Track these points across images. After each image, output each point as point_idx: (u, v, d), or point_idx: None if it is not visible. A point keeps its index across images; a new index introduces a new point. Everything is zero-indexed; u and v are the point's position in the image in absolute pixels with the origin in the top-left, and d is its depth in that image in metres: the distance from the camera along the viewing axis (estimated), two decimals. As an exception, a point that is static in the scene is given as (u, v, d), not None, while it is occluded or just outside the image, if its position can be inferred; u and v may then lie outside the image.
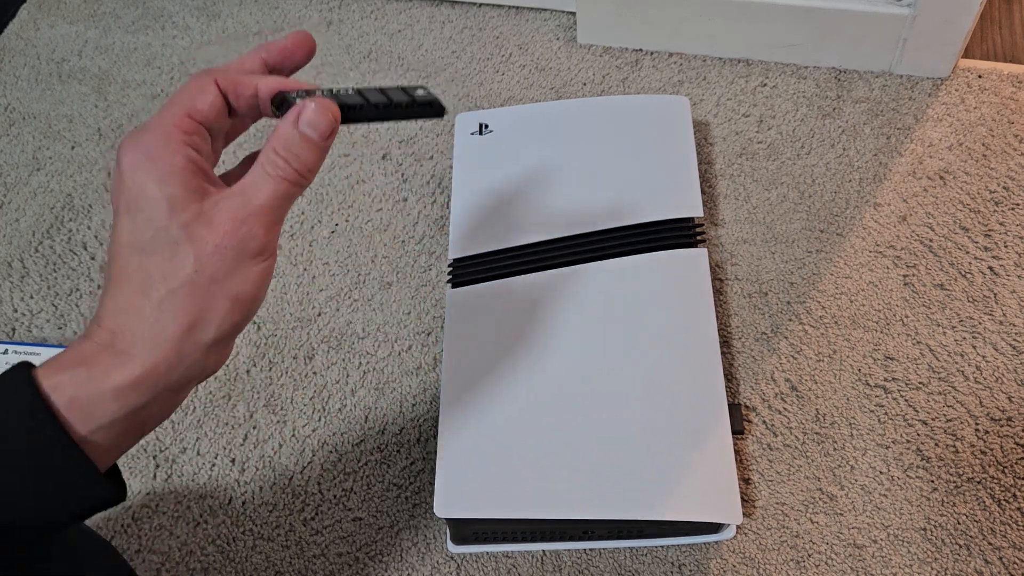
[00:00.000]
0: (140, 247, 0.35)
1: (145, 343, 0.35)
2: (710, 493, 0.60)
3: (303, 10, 1.01)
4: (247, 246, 0.36)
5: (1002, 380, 0.70)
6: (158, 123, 0.36)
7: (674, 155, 0.75)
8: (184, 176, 0.35)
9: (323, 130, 0.37)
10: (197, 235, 0.35)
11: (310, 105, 0.36)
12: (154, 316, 0.35)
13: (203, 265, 0.35)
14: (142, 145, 0.35)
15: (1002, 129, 0.84)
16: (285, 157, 0.36)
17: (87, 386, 0.34)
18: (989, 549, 0.63)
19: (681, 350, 0.65)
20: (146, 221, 0.35)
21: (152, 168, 0.35)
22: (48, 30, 1.02)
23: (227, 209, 0.36)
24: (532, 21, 0.97)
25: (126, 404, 0.35)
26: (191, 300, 0.35)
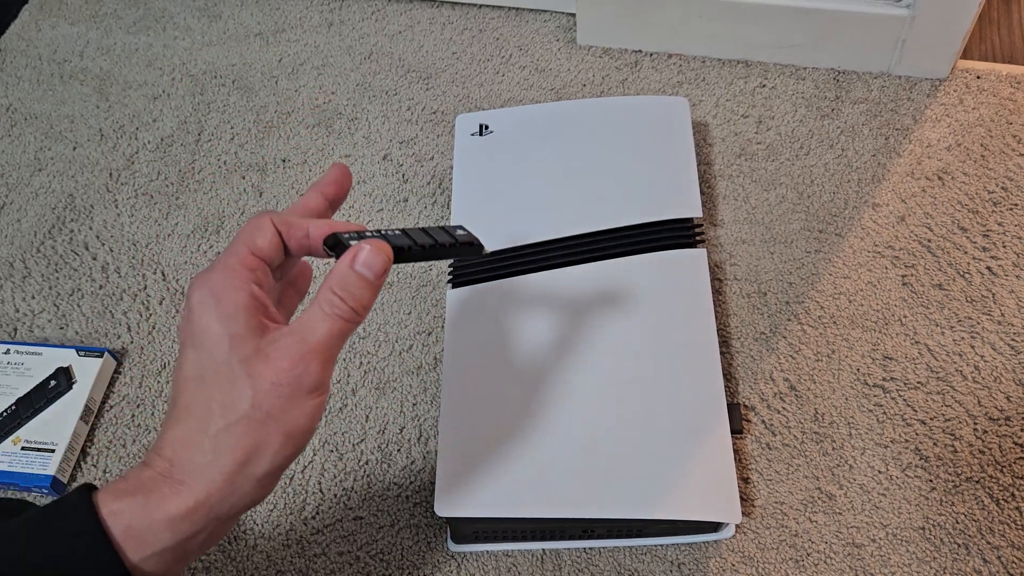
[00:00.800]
0: (201, 379, 0.37)
1: (200, 474, 0.36)
2: (709, 492, 0.60)
3: (304, 11, 1.01)
4: (303, 383, 0.37)
5: (1000, 380, 0.70)
6: (225, 262, 0.38)
7: (673, 156, 0.75)
8: (247, 314, 0.37)
9: (378, 270, 0.39)
10: (255, 371, 0.36)
11: (366, 247, 0.39)
12: (211, 448, 0.36)
13: (260, 401, 0.36)
14: (209, 283, 0.38)
15: (1000, 130, 0.84)
16: (342, 296, 0.38)
17: (142, 514, 0.36)
18: (988, 548, 0.63)
19: (680, 350, 0.65)
20: (208, 355, 0.37)
21: (216, 306, 0.37)
22: (49, 31, 1.02)
23: (285, 347, 0.37)
24: (532, 22, 0.97)
25: (178, 533, 0.36)
26: (247, 435, 0.36)
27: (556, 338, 0.66)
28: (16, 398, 0.72)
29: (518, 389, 0.64)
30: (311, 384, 0.37)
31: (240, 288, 0.38)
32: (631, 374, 0.64)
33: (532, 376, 0.64)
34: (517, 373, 0.65)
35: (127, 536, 0.36)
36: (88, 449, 0.72)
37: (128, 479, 0.37)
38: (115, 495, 0.36)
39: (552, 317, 0.67)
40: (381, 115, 0.91)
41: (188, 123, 0.92)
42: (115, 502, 0.36)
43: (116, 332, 0.78)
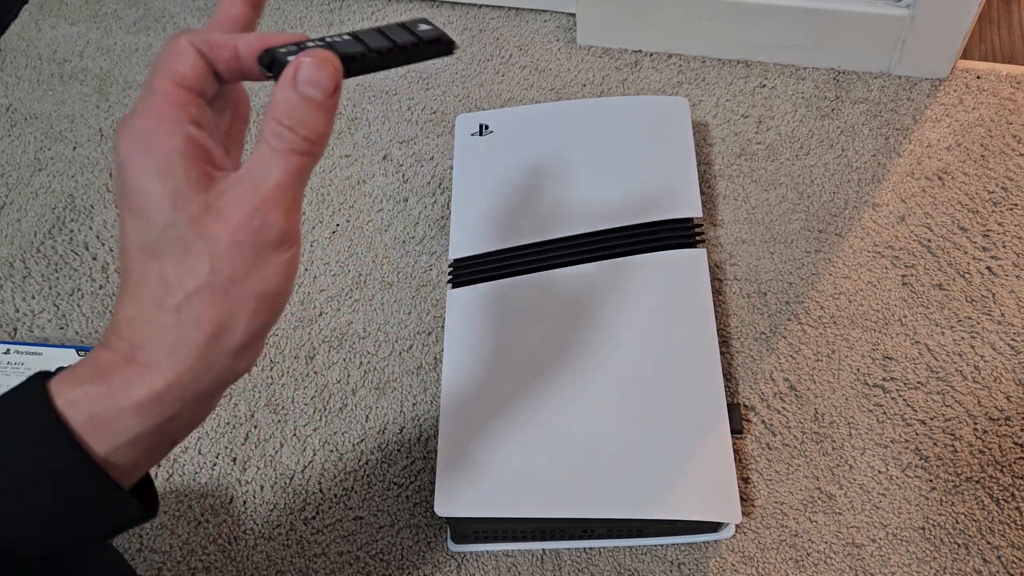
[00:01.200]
0: (149, 249, 0.32)
1: (167, 355, 0.32)
2: (709, 492, 0.60)
3: (304, 11, 1.01)
4: (265, 237, 0.32)
5: (1000, 380, 0.70)
6: (148, 101, 0.32)
7: (673, 156, 0.75)
8: (185, 163, 0.32)
9: (326, 86, 0.32)
10: (208, 231, 0.31)
11: (305, 60, 0.32)
12: (175, 325, 0.32)
13: (219, 264, 0.31)
14: (136, 131, 0.32)
15: (1000, 130, 0.84)
16: (289, 126, 0.32)
17: (106, 402, 0.32)
18: (987, 548, 0.63)
19: (680, 350, 0.65)
20: (149, 220, 0.31)
21: (150, 158, 0.31)
22: (49, 31, 1.02)
23: (237, 197, 0.32)
24: (532, 22, 0.97)
25: (150, 419, 0.32)
26: (213, 304, 0.32)
27: (556, 338, 0.66)
28: (16, 398, 0.72)
29: (518, 389, 0.64)
30: (275, 236, 0.32)
31: (172, 132, 0.32)
32: (631, 374, 0.64)
33: (532, 376, 0.64)
34: (517, 373, 0.65)
35: (91, 427, 0.31)
36: (88, 449, 0.72)
37: (85, 365, 0.33)
38: (72, 383, 0.32)
39: (552, 317, 0.67)
40: (381, 115, 0.91)
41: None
42: (72, 391, 0.32)
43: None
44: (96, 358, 0.33)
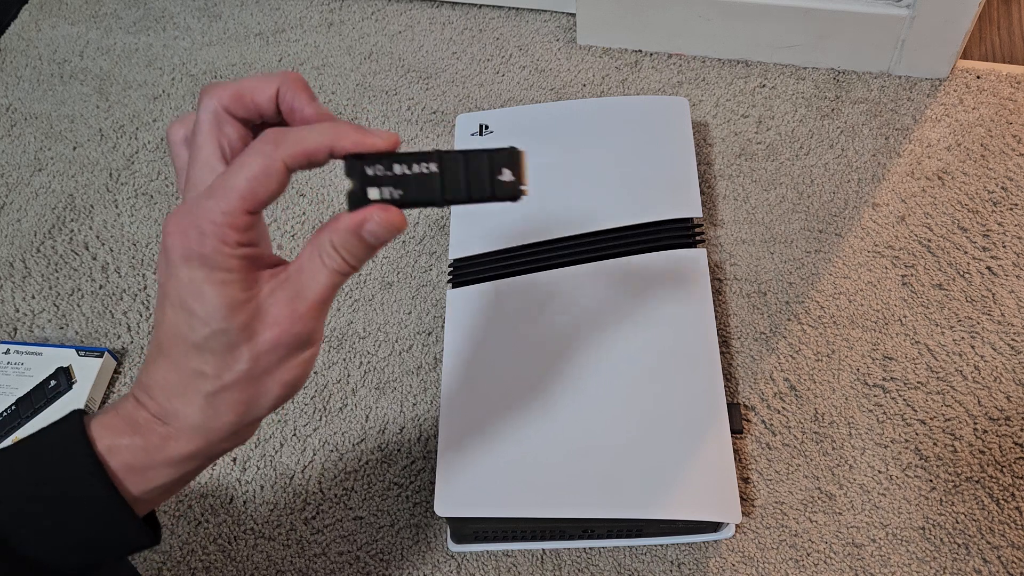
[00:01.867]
0: (194, 344, 0.34)
1: (199, 427, 0.36)
2: (709, 492, 0.60)
3: (304, 11, 1.01)
4: (301, 340, 0.36)
5: (1000, 380, 0.70)
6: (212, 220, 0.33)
7: (673, 156, 0.75)
8: (241, 277, 0.34)
9: (384, 240, 0.36)
10: (253, 332, 0.35)
11: (377, 218, 0.35)
12: (208, 407, 0.35)
13: (258, 361, 0.35)
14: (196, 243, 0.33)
15: (1000, 130, 0.84)
16: (343, 255, 0.35)
17: (143, 456, 0.36)
18: (987, 548, 0.63)
19: (680, 350, 0.65)
20: (201, 321, 0.34)
21: (208, 270, 0.34)
22: (49, 31, 1.02)
23: (283, 302, 0.35)
24: (532, 22, 0.97)
25: (179, 470, 0.36)
26: (244, 392, 0.35)
27: (556, 338, 0.66)
28: (16, 398, 0.72)
29: (518, 389, 0.64)
30: (309, 339, 0.36)
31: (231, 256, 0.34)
32: (631, 374, 0.64)
33: (532, 376, 0.64)
34: (517, 373, 0.65)
35: (128, 472, 0.36)
36: (88, 449, 0.72)
37: (119, 414, 0.36)
38: (111, 431, 0.36)
39: (552, 317, 0.67)
40: (381, 115, 0.91)
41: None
42: (112, 438, 0.36)
43: (116, 332, 0.78)
44: (132, 414, 0.36)
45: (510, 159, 0.37)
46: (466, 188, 0.36)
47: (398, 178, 0.35)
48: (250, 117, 0.36)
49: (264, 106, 0.36)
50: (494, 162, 0.36)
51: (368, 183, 0.35)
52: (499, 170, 0.37)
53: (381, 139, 0.35)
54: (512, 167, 0.37)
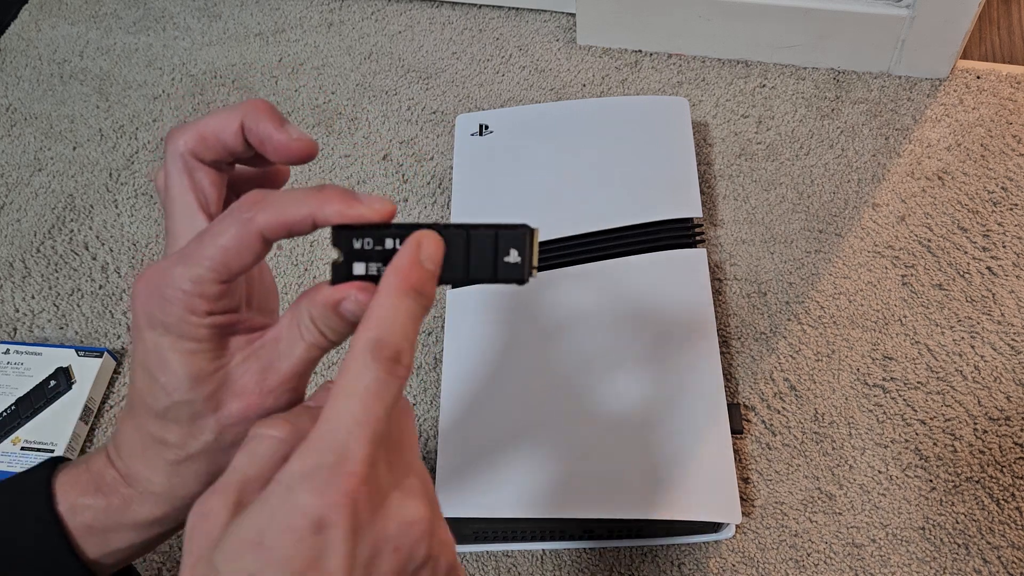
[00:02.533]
0: (157, 412, 0.32)
1: (165, 493, 0.34)
2: (709, 493, 0.60)
3: (304, 11, 1.01)
4: (271, 410, 0.33)
5: (1000, 380, 0.70)
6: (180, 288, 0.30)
7: (673, 156, 0.75)
8: (210, 346, 0.32)
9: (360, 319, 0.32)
10: (220, 403, 0.32)
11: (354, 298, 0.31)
12: (173, 475, 0.33)
13: (224, 434, 0.33)
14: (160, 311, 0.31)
15: (1000, 130, 0.84)
16: (321, 330, 0.32)
17: (105, 516, 0.34)
18: (988, 548, 0.63)
19: (680, 350, 0.65)
20: (164, 391, 0.32)
21: (174, 339, 0.31)
22: (49, 31, 1.02)
23: (254, 372, 0.32)
24: (532, 22, 0.97)
25: (144, 534, 0.35)
26: (210, 463, 0.33)
27: (556, 338, 0.66)
28: (16, 398, 0.72)
29: (518, 389, 0.64)
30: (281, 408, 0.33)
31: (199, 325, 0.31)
32: (631, 374, 0.64)
33: (531, 376, 0.64)
34: (516, 373, 0.65)
35: (88, 533, 0.34)
36: (88, 449, 0.72)
37: (90, 469, 0.35)
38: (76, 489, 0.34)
39: (552, 317, 0.67)
40: (381, 115, 0.91)
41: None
42: (77, 497, 0.34)
43: (116, 332, 0.78)
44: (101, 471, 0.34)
45: (519, 239, 0.33)
46: (465, 268, 0.32)
47: (389, 253, 0.31)
48: (220, 158, 0.34)
49: (231, 143, 0.33)
50: (500, 241, 0.32)
51: (355, 257, 0.32)
52: (506, 251, 0.33)
53: (371, 210, 0.31)
54: (520, 247, 0.33)
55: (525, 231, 0.33)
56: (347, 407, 0.28)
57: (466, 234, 0.32)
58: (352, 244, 0.31)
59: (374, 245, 0.32)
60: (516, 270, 0.33)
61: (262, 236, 0.30)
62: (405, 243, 0.31)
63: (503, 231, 0.32)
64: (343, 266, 0.32)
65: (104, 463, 0.34)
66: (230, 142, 0.33)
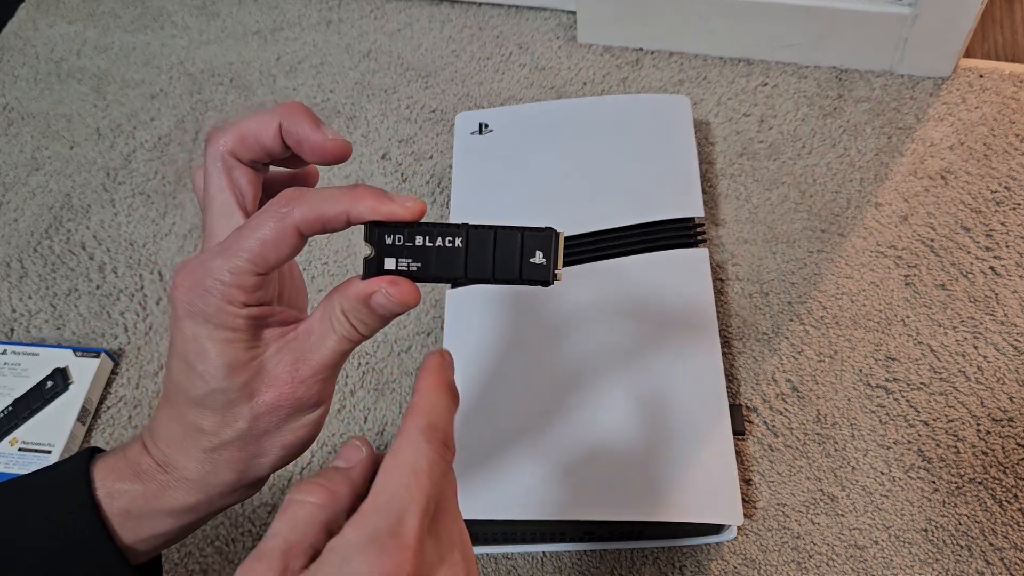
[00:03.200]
0: (193, 399, 0.34)
1: (199, 480, 0.35)
2: (711, 494, 0.59)
3: (302, 9, 1.01)
4: (303, 403, 0.35)
5: (1003, 380, 0.69)
6: (219, 279, 0.32)
7: (675, 155, 0.75)
8: (246, 336, 0.33)
9: (394, 313, 0.34)
10: (254, 391, 0.34)
11: (385, 291, 0.33)
12: (207, 461, 0.35)
13: (257, 421, 0.34)
14: (200, 301, 0.32)
15: (1003, 129, 0.83)
16: (352, 323, 0.34)
17: (142, 502, 0.35)
18: (990, 550, 0.62)
19: (682, 350, 0.65)
20: (201, 379, 0.33)
21: (212, 329, 0.33)
22: (47, 29, 1.02)
23: (287, 364, 0.34)
24: (532, 20, 0.97)
25: (179, 521, 0.36)
26: (244, 450, 0.35)
27: (556, 339, 0.65)
28: (13, 399, 0.72)
29: (518, 390, 0.63)
30: (311, 403, 0.35)
31: (237, 315, 0.33)
32: (632, 375, 0.64)
33: (531, 377, 0.64)
34: (516, 374, 0.64)
35: (125, 518, 0.35)
36: (85, 450, 0.71)
37: (126, 456, 0.36)
38: (115, 476, 0.36)
39: (552, 317, 0.66)
40: (380, 114, 0.91)
41: (186, 122, 0.92)
42: (115, 483, 0.35)
43: (113, 332, 0.78)
44: (137, 458, 0.36)
45: (544, 241, 0.34)
46: (491, 268, 0.34)
47: (419, 250, 0.33)
48: (257, 158, 0.35)
49: (270, 144, 0.35)
50: (526, 243, 0.34)
51: (386, 252, 0.33)
52: (531, 252, 0.34)
53: (403, 208, 0.33)
54: (545, 249, 0.34)
55: (551, 233, 0.34)
56: (402, 483, 0.30)
57: (493, 235, 0.34)
58: (384, 240, 0.33)
59: (404, 242, 0.33)
60: (542, 271, 0.34)
61: (298, 230, 0.32)
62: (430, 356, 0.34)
63: (529, 232, 0.34)
64: (374, 261, 0.33)
65: (140, 451, 0.36)
66: (268, 143, 0.35)
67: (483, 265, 0.34)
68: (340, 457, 0.34)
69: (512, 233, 0.34)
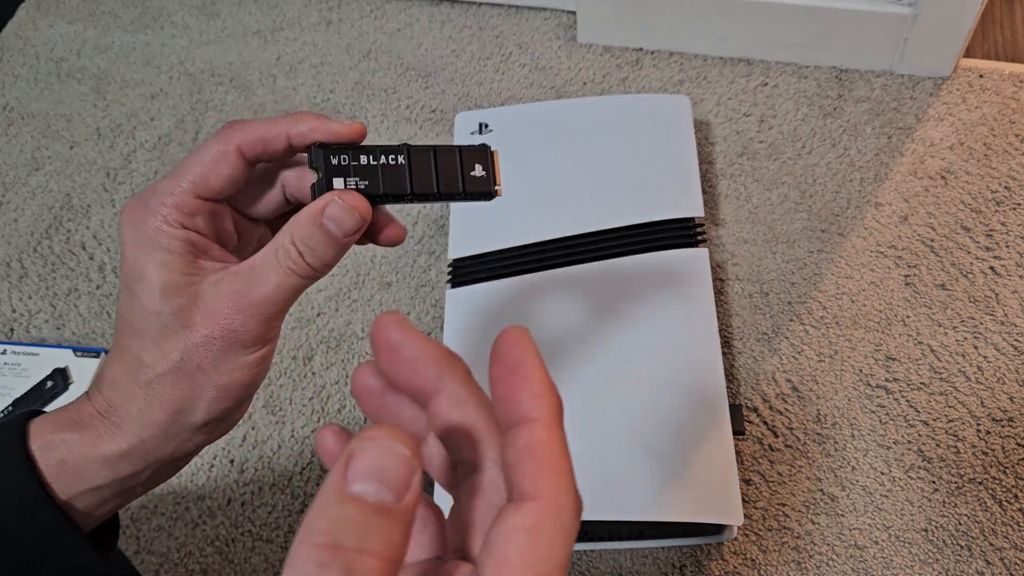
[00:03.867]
0: (133, 327, 0.34)
1: (134, 421, 0.34)
2: (711, 494, 0.59)
3: (302, 9, 1.01)
4: (239, 338, 0.34)
5: (1003, 380, 0.69)
6: (160, 200, 0.34)
7: (675, 155, 0.75)
8: (183, 258, 0.34)
9: (348, 228, 0.33)
10: (189, 320, 0.33)
11: (337, 201, 0.33)
12: (143, 398, 0.34)
13: (190, 354, 0.34)
14: (141, 226, 0.34)
15: (1003, 129, 0.83)
16: (301, 250, 0.33)
17: (77, 451, 0.34)
18: (990, 550, 0.62)
19: (682, 351, 0.65)
20: (139, 303, 0.34)
21: (150, 250, 0.33)
22: (47, 29, 1.02)
23: (225, 294, 0.34)
24: (532, 20, 0.97)
25: (114, 472, 0.35)
26: (177, 386, 0.34)
27: (556, 339, 0.65)
28: (13, 399, 0.72)
29: (518, 390, 0.63)
30: (249, 339, 0.34)
31: (174, 235, 0.33)
32: (632, 375, 0.64)
33: (532, 377, 0.64)
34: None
35: (60, 471, 0.34)
36: (85, 450, 0.71)
37: (69, 410, 0.35)
38: (53, 427, 0.35)
39: (552, 318, 0.66)
40: (380, 113, 0.91)
41: (185, 122, 0.92)
42: (52, 434, 0.35)
43: (113, 332, 0.78)
44: (78, 408, 0.35)
45: (481, 156, 0.35)
46: (436, 182, 0.35)
47: (364, 168, 0.34)
48: (261, 160, 0.35)
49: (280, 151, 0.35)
50: (464, 157, 0.35)
51: (333, 173, 0.34)
52: (471, 166, 0.36)
53: (344, 127, 0.34)
54: (484, 164, 0.36)
55: (486, 148, 0.36)
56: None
57: (433, 152, 0.35)
58: (330, 161, 0.34)
59: (350, 161, 0.34)
60: (482, 184, 0.36)
61: (240, 150, 0.33)
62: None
63: (466, 149, 0.36)
64: (322, 182, 0.33)
65: (82, 401, 0.36)
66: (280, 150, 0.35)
67: (427, 180, 0.35)
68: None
69: (450, 149, 0.35)
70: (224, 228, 0.36)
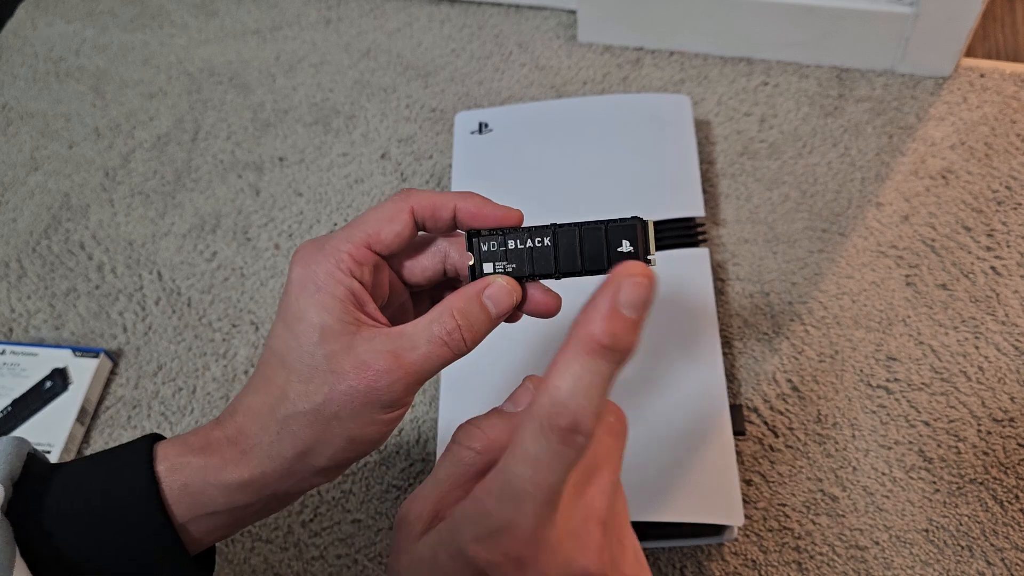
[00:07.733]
0: (284, 361, 0.36)
1: (261, 452, 0.36)
2: (711, 495, 0.59)
3: (302, 8, 1.00)
4: (380, 398, 0.35)
5: (1005, 381, 0.69)
6: (335, 247, 0.36)
7: (675, 154, 0.75)
8: (343, 307, 0.36)
9: (504, 308, 0.37)
10: (338, 368, 0.35)
11: (496, 284, 0.37)
12: (276, 431, 0.36)
13: (332, 401, 0.35)
14: (312, 267, 0.36)
15: (1004, 128, 0.83)
16: (459, 324, 0.36)
17: (200, 476, 0.36)
18: (991, 550, 0.62)
19: (682, 351, 0.65)
20: (296, 340, 0.35)
21: (315, 294, 0.36)
22: (45, 28, 1.02)
23: (378, 352, 0.35)
24: (532, 19, 0.97)
25: (231, 501, 0.36)
26: (311, 427, 0.35)
27: (555, 339, 0.65)
28: (12, 399, 0.72)
29: (518, 391, 0.63)
30: (388, 399, 0.36)
31: (340, 282, 0.36)
32: (632, 375, 0.64)
33: (532, 377, 0.64)
34: (516, 374, 0.64)
35: (182, 493, 0.36)
36: (84, 451, 0.71)
37: (199, 434, 0.37)
38: (181, 450, 0.36)
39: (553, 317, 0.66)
40: (379, 113, 0.90)
41: (184, 121, 0.92)
42: (179, 456, 0.36)
43: (112, 332, 0.77)
44: (208, 432, 0.37)
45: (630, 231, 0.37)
46: (580, 261, 0.37)
47: (512, 252, 0.37)
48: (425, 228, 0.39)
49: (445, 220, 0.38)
50: (611, 235, 0.37)
51: (483, 259, 0.37)
52: (618, 243, 0.37)
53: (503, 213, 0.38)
54: (632, 239, 0.37)
55: (636, 223, 0.37)
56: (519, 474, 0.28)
57: (578, 231, 0.37)
58: (481, 248, 0.37)
59: (498, 247, 0.37)
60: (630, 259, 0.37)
61: (412, 211, 0.37)
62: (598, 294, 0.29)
63: (612, 224, 0.37)
64: (475, 268, 0.37)
65: (212, 426, 0.37)
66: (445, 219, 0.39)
67: (572, 260, 0.37)
68: (511, 399, 0.35)
69: (597, 227, 0.37)
70: (381, 284, 0.38)
